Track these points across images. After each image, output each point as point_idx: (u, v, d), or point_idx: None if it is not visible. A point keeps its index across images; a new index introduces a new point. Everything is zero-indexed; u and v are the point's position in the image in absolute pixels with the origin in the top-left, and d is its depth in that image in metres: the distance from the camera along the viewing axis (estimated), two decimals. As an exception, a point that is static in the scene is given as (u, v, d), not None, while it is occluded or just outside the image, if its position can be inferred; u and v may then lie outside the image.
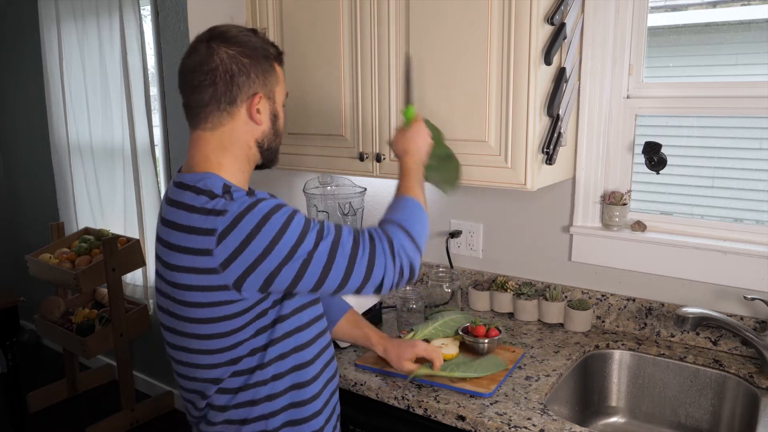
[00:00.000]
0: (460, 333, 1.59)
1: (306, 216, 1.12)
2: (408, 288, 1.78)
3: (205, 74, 1.12)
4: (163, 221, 1.14)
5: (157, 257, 1.18)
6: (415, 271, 1.16)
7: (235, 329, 1.11)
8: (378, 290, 1.14)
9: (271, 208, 1.07)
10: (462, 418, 1.34)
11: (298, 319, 1.17)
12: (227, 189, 1.09)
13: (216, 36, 1.14)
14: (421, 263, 1.17)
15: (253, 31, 1.18)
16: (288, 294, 1.14)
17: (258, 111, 1.16)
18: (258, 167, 1.25)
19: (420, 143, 1.37)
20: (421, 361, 1.46)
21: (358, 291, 1.13)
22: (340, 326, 1.49)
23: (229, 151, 1.16)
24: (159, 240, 1.15)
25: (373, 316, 1.81)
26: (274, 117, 1.20)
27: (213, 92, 1.13)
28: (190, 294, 1.10)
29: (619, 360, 1.68)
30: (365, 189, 2.11)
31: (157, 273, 1.19)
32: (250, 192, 1.11)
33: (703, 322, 1.53)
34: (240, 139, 1.16)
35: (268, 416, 1.17)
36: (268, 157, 1.23)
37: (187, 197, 1.10)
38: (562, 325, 1.81)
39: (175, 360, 1.20)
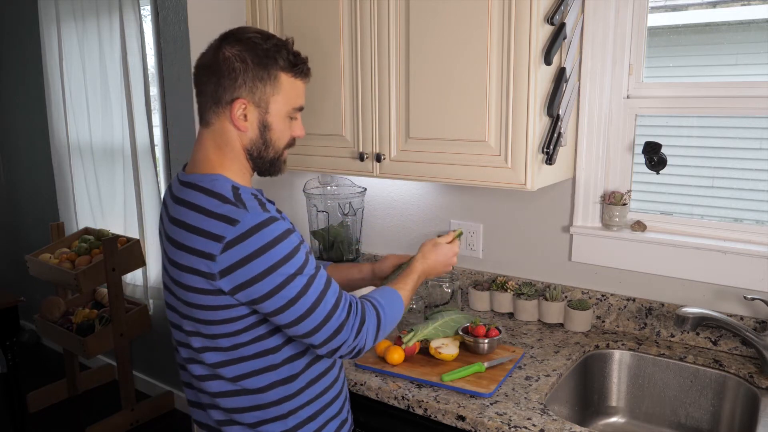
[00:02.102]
0: (460, 333, 1.60)
1: (308, 250, 1.13)
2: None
3: (205, 69, 1.14)
4: (172, 219, 1.14)
5: (164, 253, 1.18)
6: (362, 354, 1.19)
7: (237, 331, 1.12)
8: (330, 354, 1.16)
9: (282, 232, 1.07)
10: (462, 418, 1.34)
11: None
12: (237, 193, 1.09)
13: (229, 35, 1.15)
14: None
15: (270, 37, 1.15)
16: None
17: (244, 117, 1.14)
18: (261, 173, 1.23)
19: (441, 265, 1.41)
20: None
21: (317, 347, 1.14)
22: None
23: (225, 152, 1.16)
24: (167, 238, 1.15)
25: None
26: (264, 127, 1.16)
27: (206, 89, 1.14)
28: (193, 295, 1.11)
29: (619, 360, 1.68)
30: (365, 189, 2.11)
31: (164, 269, 1.19)
32: (261, 203, 1.10)
33: (703, 322, 1.53)
34: (231, 141, 1.16)
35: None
36: (261, 166, 1.20)
37: (196, 198, 1.10)
38: (562, 325, 1.81)
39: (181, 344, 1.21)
